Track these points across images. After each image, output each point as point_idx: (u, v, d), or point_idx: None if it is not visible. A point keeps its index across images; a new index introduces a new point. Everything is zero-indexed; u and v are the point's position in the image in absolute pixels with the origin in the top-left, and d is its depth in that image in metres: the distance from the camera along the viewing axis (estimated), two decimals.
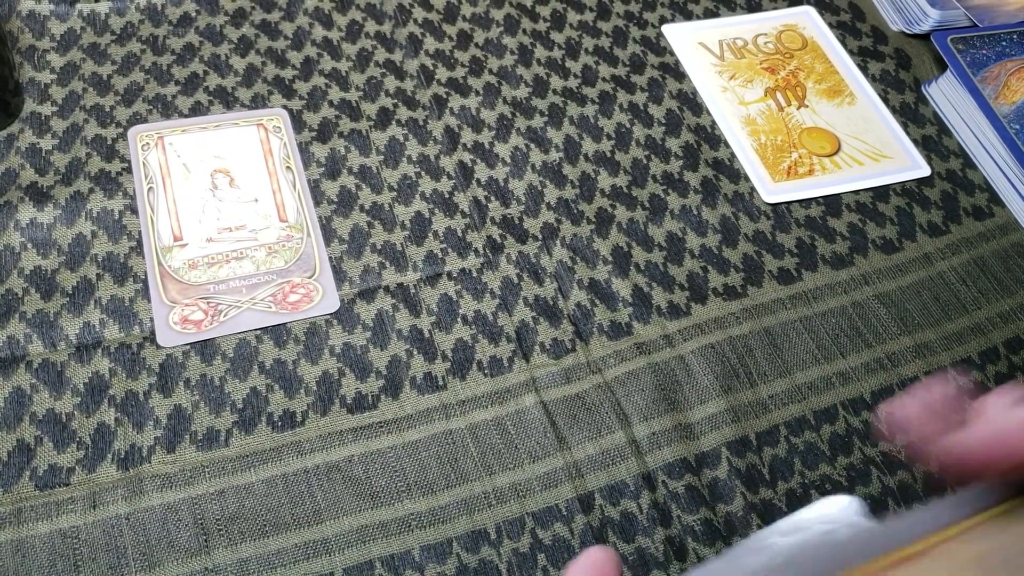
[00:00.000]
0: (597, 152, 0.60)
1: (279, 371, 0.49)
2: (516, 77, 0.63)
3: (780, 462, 0.49)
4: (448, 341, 0.51)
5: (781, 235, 0.58)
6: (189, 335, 0.49)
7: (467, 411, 0.49)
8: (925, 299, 0.56)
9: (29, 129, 0.56)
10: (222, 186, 0.55)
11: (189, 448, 0.46)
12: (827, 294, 0.55)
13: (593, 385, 0.50)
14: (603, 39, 0.67)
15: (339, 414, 0.48)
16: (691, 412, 0.50)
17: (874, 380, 0.52)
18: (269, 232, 0.54)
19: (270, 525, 0.44)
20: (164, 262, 0.52)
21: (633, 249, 0.56)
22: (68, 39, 0.61)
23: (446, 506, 0.46)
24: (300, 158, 0.57)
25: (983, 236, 0.59)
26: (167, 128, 0.57)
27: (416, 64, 0.63)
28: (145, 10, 0.63)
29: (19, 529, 0.43)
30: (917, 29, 0.69)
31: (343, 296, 0.52)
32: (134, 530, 0.43)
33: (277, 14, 0.64)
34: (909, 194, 0.61)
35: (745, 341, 0.53)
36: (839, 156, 0.62)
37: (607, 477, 0.47)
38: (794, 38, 0.69)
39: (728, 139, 0.62)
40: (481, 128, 0.60)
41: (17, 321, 0.49)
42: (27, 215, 0.52)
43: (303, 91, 0.60)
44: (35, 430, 0.46)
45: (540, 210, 0.57)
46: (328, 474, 0.46)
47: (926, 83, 0.67)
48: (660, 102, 0.64)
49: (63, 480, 0.44)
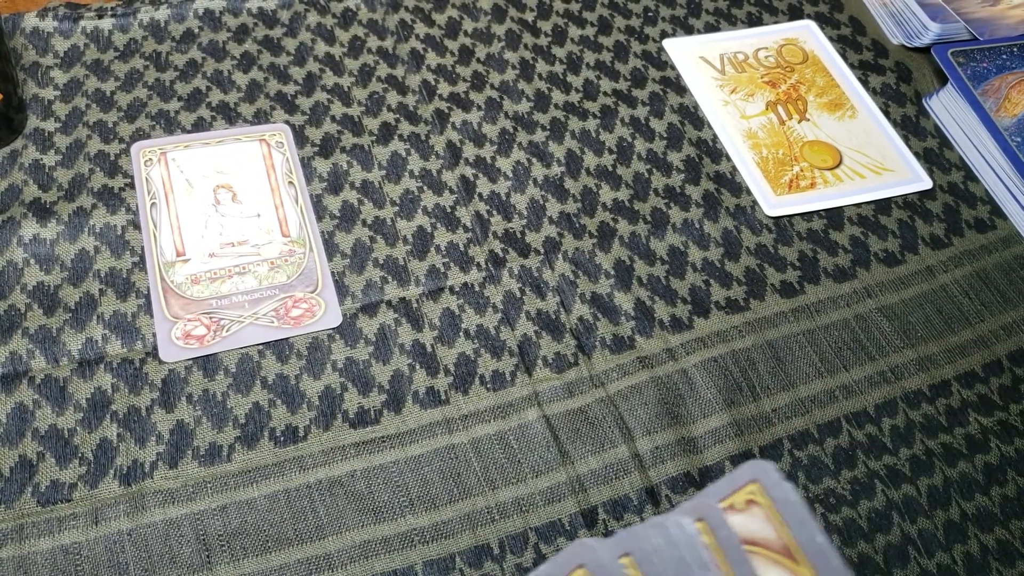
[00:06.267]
0: (599, 166, 0.60)
1: (281, 386, 0.49)
2: (518, 92, 0.63)
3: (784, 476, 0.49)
4: (450, 355, 0.51)
5: (783, 248, 0.58)
6: (191, 350, 0.49)
7: (470, 425, 0.49)
8: (928, 312, 0.56)
9: (32, 145, 0.56)
10: (225, 201, 0.55)
11: (191, 463, 0.46)
12: (830, 307, 0.55)
13: (596, 399, 0.50)
14: (604, 54, 0.67)
15: (341, 429, 0.48)
16: (694, 426, 0.50)
17: (877, 393, 0.52)
18: (271, 247, 0.54)
19: (272, 541, 0.44)
20: (167, 277, 0.52)
21: (635, 263, 0.56)
22: (72, 56, 0.61)
23: (449, 521, 0.45)
24: (302, 173, 0.57)
25: (985, 248, 0.59)
26: (170, 144, 0.58)
27: (418, 79, 0.63)
28: (148, 27, 0.63)
29: (21, 545, 0.42)
30: (918, 42, 0.69)
31: (345, 311, 0.52)
32: (136, 546, 0.43)
33: (280, 30, 0.64)
34: (911, 207, 0.61)
35: (748, 355, 0.53)
36: (841, 169, 0.62)
37: (610, 491, 0.47)
38: (795, 52, 0.69)
39: (729, 153, 0.62)
40: (483, 143, 0.60)
41: (20, 337, 0.49)
42: (30, 231, 0.52)
43: (305, 106, 0.61)
44: (37, 446, 0.46)
45: (542, 224, 0.57)
46: (330, 489, 0.46)
47: (927, 96, 0.67)
48: (661, 116, 0.64)
49: (65, 496, 0.44)
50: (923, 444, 0.51)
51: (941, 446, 0.51)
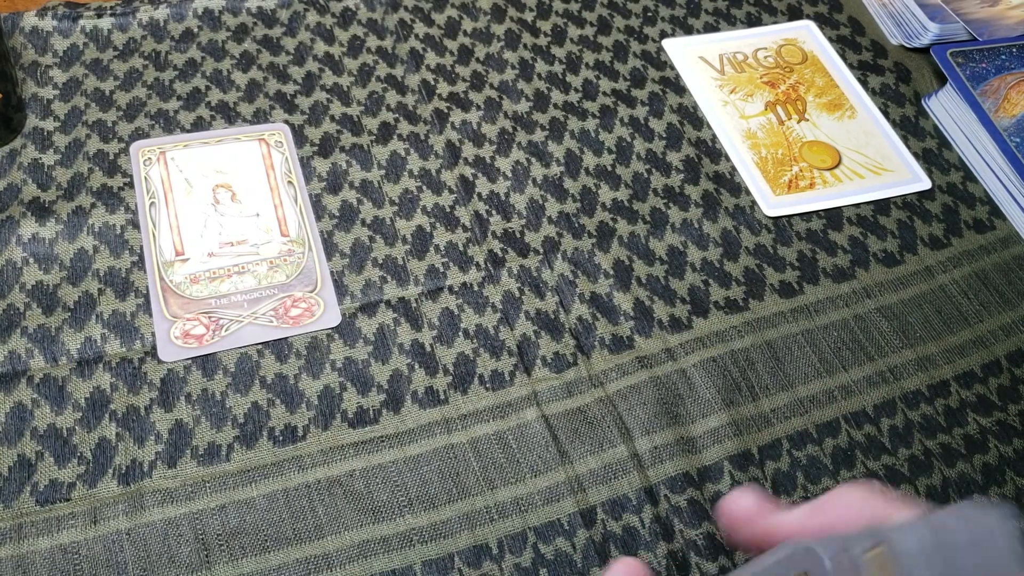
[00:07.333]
0: (598, 166, 0.60)
1: (280, 385, 0.49)
2: (517, 92, 0.63)
3: (783, 476, 0.49)
4: (449, 355, 0.51)
5: (782, 248, 0.58)
6: (190, 350, 0.49)
7: (469, 425, 0.49)
8: (927, 312, 0.56)
9: (31, 144, 0.56)
10: (224, 201, 0.55)
11: (190, 463, 0.46)
12: (829, 307, 0.55)
13: (595, 399, 0.50)
14: (604, 53, 0.67)
15: (340, 428, 0.48)
16: (693, 426, 0.50)
17: (876, 393, 0.52)
18: (271, 247, 0.54)
19: (271, 540, 0.44)
20: (166, 277, 0.52)
21: (634, 263, 0.56)
22: (71, 55, 0.61)
23: (448, 521, 0.45)
24: (302, 173, 0.57)
25: (984, 249, 0.59)
26: (169, 143, 0.58)
27: (417, 79, 0.63)
28: (148, 26, 0.63)
29: (20, 545, 0.42)
30: (917, 43, 0.69)
31: (344, 310, 0.52)
32: (135, 545, 0.43)
33: (279, 29, 0.64)
34: (910, 207, 0.61)
35: (747, 354, 0.53)
36: (840, 169, 0.62)
37: (609, 491, 0.47)
38: (794, 52, 0.69)
39: (729, 153, 0.62)
40: (482, 142, 0.60)
41: (19, 336, 0.49)
42: (29, 230, 0.52)
43: (305, 106, 0.61)
44: (36, 445, 0.46)
45: (541, 224, 0.57)
46: (329, 489, 0.46)
47: (926, 97, 0.67)
48: (661, 116, 0.64)
49: (64, 495, 0.44)
50: (922, 444, 0.51)
51: (940, 446, 0.51)
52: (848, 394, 0.52)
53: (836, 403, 0.52)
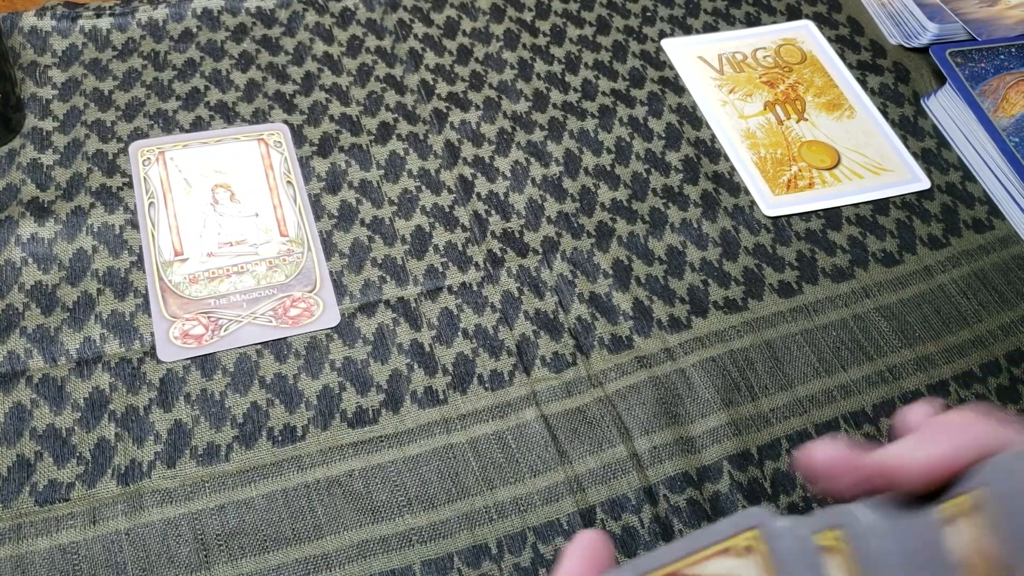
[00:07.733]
0: (597, 166, 0.60)
1: (280, 386, 0.49)
2: (516, 91, 0.63)
3: (782, 476, 0.49)
4: (449, 355, 0.51)
5: (781, 248, 0.58)
6: (189, 350, 0.49)
7: (468, 425, 0.49)
8: (926, 312, 0.56)
9: (30, 144, 0.56)
10: (223, 201, 0.55)
11: (189, 463, 0.46)
12: (828, 307, 0.55)
13: (594, 399, 0.50)
14: (603, 53, 0.67)
15: (340, 428, 0.48)
16: (692, 426, 0.50)
17: (875, 393, 0.52)
18: (270, 247, 0.54)
19: (270, 540, 0.44)
20: (165, 277, 0.52)
21: (634, 263, 0.56)
22: (70, 55, 0.61)
23: (447, 521, 0.45)
24: (301, 173, 0.57)
25: (983, 249, 0.59)
26: (168, 143, 0.57)
27: (416, 79, 0.63)
28: (147, 26, 0.63)
29: (19, 545, 0.42)
30: (916, 43, 0.69)
31: (344, 310, 0.52)
32: (134, 546, 0.43)
33: (278, 29, 0.64)
34: (909, 207, 0.61)
35: (746, 354, 0.53)
36: (839, 169, 0.62)
37: (608, 491, 0.47)
38: (793, 52, 0.69)
39: (728, 153, 0.62)
40: (481, 142, 0.60)
41: (18, 336, 0.49)
42: (28, 230, 0.52)
43: (304, 106, 0.61)
44: (35, 445, 0.46)
45: (540, 224, 0.57)
46: (329, 489, 0.46)
47: (925, 96, 0.67)
48: (660, 116, 0.64)
49: (63, 495, 0.44)
50: None
51: None
52: (847, 394, 0.52)
53: (835, 403, 0.52)
